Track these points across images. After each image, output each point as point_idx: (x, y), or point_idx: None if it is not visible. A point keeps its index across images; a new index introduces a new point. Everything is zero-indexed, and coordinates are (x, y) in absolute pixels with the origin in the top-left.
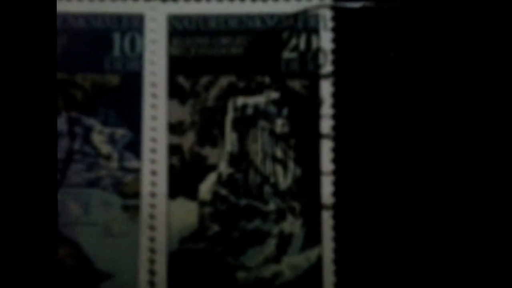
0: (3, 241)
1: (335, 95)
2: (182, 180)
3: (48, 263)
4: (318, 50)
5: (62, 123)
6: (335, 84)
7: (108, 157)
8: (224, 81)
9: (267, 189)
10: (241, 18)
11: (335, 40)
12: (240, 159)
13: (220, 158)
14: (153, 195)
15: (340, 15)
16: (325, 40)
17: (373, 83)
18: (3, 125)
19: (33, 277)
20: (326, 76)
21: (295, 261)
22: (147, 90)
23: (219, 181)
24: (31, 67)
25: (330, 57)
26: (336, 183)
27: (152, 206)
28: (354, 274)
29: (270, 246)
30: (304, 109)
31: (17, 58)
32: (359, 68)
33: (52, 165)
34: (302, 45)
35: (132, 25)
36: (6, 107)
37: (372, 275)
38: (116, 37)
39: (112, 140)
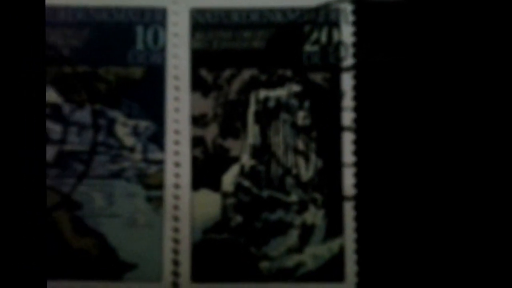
0: None
1: (356, 87)
2: (205, 171)
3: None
4: (339, 43)
5: (86, 116)
6: (356, 77)
7: (132, 149)
8: (246, 74)
9: (289, 180)
10: (263, 12)
11: (356, 34)
12: (262, 151)
13: (242, 150)
14: (176, 186)
15: (361, 8)
16: (346, 33)
17: (394, 76)
18: None
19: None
20: (347, 69)
21: (317, 251)
22: (170, 83)
23: (242, 173)
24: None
25: (351, 50)
26: (357, 175)
27: (176, 197)
28: (376, 264)
29: (293, 236)
30: (325, 102)
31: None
32: (380, 61)
33: (41, 160)
34: (324, 38)
35: (155, 18)
36: None
37: (394, 265)
38: (139, 30)
39: (135, 132)
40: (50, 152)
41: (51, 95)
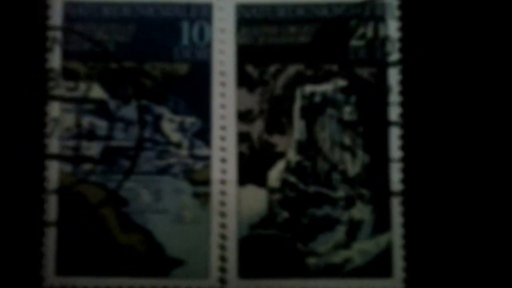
0: None
1: (402, 82)
2: (252, 167)
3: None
4: (385, 38)
5: (132, 112)
6: (402, 72)
7: (178, 145)
8: (292, 69)
9: (335, 176)
10: (309, 7)
11: (402, 29)
12: (308, 146)
13: (288, 145)
14: (223, 182)
15: (407, 3)
16: (392, 28)
17: (441, 71)
18: None
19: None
20: (394, 64)
21: (365, 247)
22: (215, 78)
23: (288, 169)
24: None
25: (397, 45)
26: (404, 170)
27: (222, 193)
28: (423, 259)
29: (340, 232)
30: (372, 97)
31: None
32: (426, 55)
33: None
34: (370, 33)
35: (201, 14)
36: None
37: (442, 260)
38: (185, 26)
39: (182, 128)
40: (97, 148)
41: (97, 91)
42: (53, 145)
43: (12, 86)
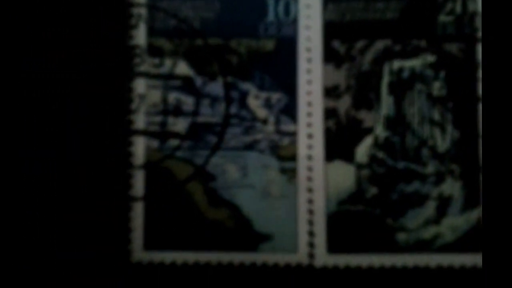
0: None
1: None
2: (338, 143)
3: None
4: (474, 13)
5: (218, 88)
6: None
7: (264, 121)
8: (379, 45)
9: (425, 152)
10: None
11: None
12: (396, 122)
13: (376, 121)
14: (309, 157)
15: None
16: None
17: None
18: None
19: None
20: None
21: (455, 222)
22: (302, 55)
23: (376, 144)
24: None
25: None
26: None
27: (309, 168)
28: None
29: (430, 208)
30: (461, 72)
31: None
32: None
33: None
34: (458, 8)
35: None
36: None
37: None
38: (271, 2)
39: (268, 104)
40: (183, 124)
41: (183, 68)
42: (140, 121)
43: (98, 64)
